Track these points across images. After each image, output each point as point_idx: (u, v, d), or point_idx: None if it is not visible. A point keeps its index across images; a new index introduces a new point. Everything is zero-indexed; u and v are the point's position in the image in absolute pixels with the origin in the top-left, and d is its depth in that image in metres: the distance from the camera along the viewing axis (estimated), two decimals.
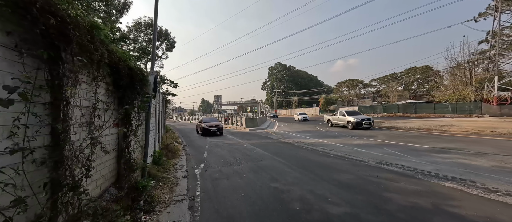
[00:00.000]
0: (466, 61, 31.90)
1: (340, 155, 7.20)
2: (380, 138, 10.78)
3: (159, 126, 8.04)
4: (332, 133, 13.90)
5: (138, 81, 3.37)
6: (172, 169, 6.00)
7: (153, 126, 5.92)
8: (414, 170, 5.09)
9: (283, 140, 11.75)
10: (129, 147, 3.45)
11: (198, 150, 9.29)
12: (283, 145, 9.77)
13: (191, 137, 14.55)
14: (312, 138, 11.92)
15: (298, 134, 14.51)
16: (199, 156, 7.80)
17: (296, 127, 20.39)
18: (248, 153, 8.17)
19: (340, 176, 4.86)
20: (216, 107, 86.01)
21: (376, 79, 56.28)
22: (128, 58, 3.23)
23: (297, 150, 8.47)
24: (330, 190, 4.06)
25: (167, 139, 11.12)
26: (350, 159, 6.51)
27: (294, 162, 6.40)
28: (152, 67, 4.80)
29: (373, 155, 6.98)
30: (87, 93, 2.44)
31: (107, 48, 2.53)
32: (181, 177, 5.20)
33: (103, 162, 2.83)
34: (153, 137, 6.14)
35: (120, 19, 16.89)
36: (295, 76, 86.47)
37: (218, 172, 5.67)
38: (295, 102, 71.64)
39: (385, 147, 8.34)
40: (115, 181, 3.18)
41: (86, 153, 2.27)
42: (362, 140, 10.39)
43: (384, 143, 9.29)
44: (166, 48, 24.73)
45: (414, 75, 48.38)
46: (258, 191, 4.15)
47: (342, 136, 12.41)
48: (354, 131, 14.42)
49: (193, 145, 10.76)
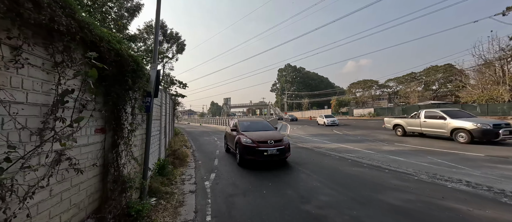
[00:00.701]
0: (496, 57, 29.11)
1: (375, 164, 6.04)
2: (413, 143, 9.41)
3: (166, 130, 7.28)
4: (352, 137, 12.60)
5: (131, 72, 2.53)
6: (178, 180, 5.16)
7: (156, 130, 5.12)
8: (490, 190, 3.87)
9: (300, 144, 10.66)
10: (119, 160, 2.61)
11: (208, 155, 8.44)
12: (302, 151, 8.70)
13: (200, 141, 13.81)
14: (332, 143, 10.74)
15: (315, 137, 13.33)
16: (209, 164, 6.93)
17: (310, 130, 19.15)
18: None
19: (390, 196, 3.76)
20: (225, 109, 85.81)
21: (392, 80, 53.38)
22: (118, 42, 2.39)
23: (321, 157, 7.38)
24: (385, 219, 2.99)
25: (176, 143, 10.42)
26: (391, 171, 5.35)
27: (322, 173, 5.35)
28: (154, 61, 4.00)
29: (418, 165, 5.76)
30: (43, 85, 1.60)
31: (74, 17, 1.69)
32: (188, 193, 4.32)
33: (75, 185, 1.98)
34: (158, 143, 5.35)
35: (131, 21, 16.72)
36: (305, 77, 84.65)
37: (231, 185, 4.75)
38: (306, 104, 69.78)
39: (427, 154, 7.04)
40: (98, 208, 2.33)
41: (28, 179, 1.42)
42: (392, 145, 9.08)
43: (423, 149, 7.95)
44: (176, 50, 24.53)
45: (435, 75, 45.26)
46: (287, 216, 3.17)
47: (366, 140, 11.10)
48: (379, 135, 13.01)
49: (202, 150, 9.95)
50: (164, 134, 6.76)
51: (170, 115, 10.79)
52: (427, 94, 43.65)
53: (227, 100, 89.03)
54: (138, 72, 2.65)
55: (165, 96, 6.98)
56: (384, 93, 57.08)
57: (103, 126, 2.46)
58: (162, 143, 6.23)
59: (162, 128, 6.22)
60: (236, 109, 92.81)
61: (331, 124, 22.39)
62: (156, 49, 4.05)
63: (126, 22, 16.25)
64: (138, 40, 14.24)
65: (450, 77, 42.31)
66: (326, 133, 15.59)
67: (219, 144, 11.86)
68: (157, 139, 5.32)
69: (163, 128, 6.47)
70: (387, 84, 55.10)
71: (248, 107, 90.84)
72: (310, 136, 14.48)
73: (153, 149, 4.71)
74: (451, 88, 42.54)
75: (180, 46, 24.18)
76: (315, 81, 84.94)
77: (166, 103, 6.96)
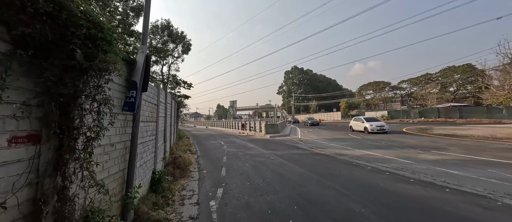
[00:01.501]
0: None
1: (425, 180, 4.76)
2: (455, 151, 7.99)
3: (166, 134, 6.27)
4: (375, 142, 11.22)
5: (83, 39, 1.48)
6: (177, 197, 4.09)
7: (151, 135, 4.08)
8: None
9: (317, 150, 9.43)
10: (69, 185, 1.56)
11: (214, 163, 7.37)
12: (322, 159, 7.49)
13: (206, 145, 12.80)
14: (354, 149, 9.44)
15: (331, 142, 12.03)
16: (215, 174, 5.86)
17: (323, 133, 17.79)
18: (280, 170, 6.05)
19: None
20: (232, 112, 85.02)
21: (405, 81, 51.03)
22: None
23: (349, 168, 6.15)
24: None
25: (179, 148, 9.43)
26: (453, 190, 4.07)
27: (359, 192, 4.14)
28: (143, 42, 2.99)
29: (486, 182, 4.43)
30: None
31: None
32: (188, 220, 3.24)
33: None
34: (152, 151, 4.31)
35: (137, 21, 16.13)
36: (313, 80, 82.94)
37: (244, 206, 3.64)
38: (314, 106, 68.00)
39: (486, 166, 5.66)
40: None
41: None
42: (430, 153, 7.71)
43: (473, 159, 6.56)
44: (182, 50, 23.87)
45: (452, 76, 42.76)
46: None
47: (393, 146, 9.72)
48: (406, 140, 11.55)
49: (208, 156, 8.90)
50: (163, 139, 5.75)
51: (173, 117, 9.84)
52: (447, 96, 41.18)
53: (233, 103, 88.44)
54: (100, 44, 1.60)
55: (165, 95, 6.00)
56: (397, 95, 54.70)
57: (37, 130, 1.42)
58: (160, 150, 5.21)
59: (160, 132, 5.21)
60: (242, 112, 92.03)
61: (378, 131, 15.12)
62: (147, 26, 3.04)
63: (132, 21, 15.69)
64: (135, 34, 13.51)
65: (470, 78, 39.86)
66: (342, 137, 14.23)
67: (226, 149, 10.80)
68: (152, 145, 4.29)
69: (161, 131, 5.46)
70: (400, 86, 52.76)
71: (254, 110, 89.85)
72: (325, 140, 13.18)
73: (144, 159, 3.68)
74: (471, 89, 39.99)
75: (186, 46, 23.51)
76: (322, 84, 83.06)
77: (166, 103, 5.98)
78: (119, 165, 2.64)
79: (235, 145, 12.15)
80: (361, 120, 17.44)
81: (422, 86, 46.38)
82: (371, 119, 17.62)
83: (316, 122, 29.62)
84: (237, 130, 26.46)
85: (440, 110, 30.96)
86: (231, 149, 10.54)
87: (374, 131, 15.25)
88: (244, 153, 9.17)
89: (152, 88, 4.09)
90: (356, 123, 17.96)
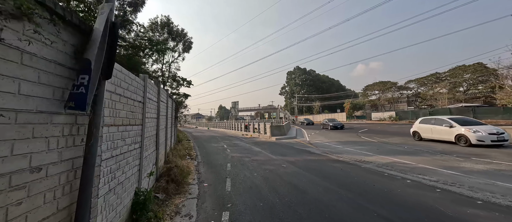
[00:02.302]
0: None
1: (500, 202, 3.60)
2: (501, 158, 6.79)
3: (160, 139, 5.18)
4: (396, 146, 10.04)
5: None
6: None
7: (133, 145, 2.98)
8: None
9: (333, 156, 8.28)
10: None
11: (218, 172, 6.27)
12: (344, 168, 6.34)
13: (207, 148, 11.70)
14: (375, 154, 8.28)
15: (345, 146, 10.86)
16: (219, 188, 4.75)
17: (331, 135, 16.64)
18: (297, 182, 4.93)
19: None
20: (233, 113, 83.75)
21: (413, 81, 49.55)
22: None
23: (381, 181, 5.00)
24: None
25: (177, 153, 8.33)
26: None
27: (405, 217, 3.01)
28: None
29: None
30: None
31: None
32: None
33: None
34: (137, 165, 3.20)
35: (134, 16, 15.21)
36: (315, 80, 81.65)
37: None
38: (317, 107, 66.63)
39: None
40: None
41: None
42: (472, 162, 6.52)
43: None
44: (182, 49, 22.90)
45: (462, 75, 41.25)
46: None
47: (420, 151, 8.53)
48: (430, 143, 10.33)
49: (210, 162, 7.80)
50: (154, 145, 4.65)
51: (171, 118, 8.76)
52: (459, 97, 39.63)
53: (235, 104, 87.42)
54: None
55: (158, 92, 4.92)
56: (403, 95, 53.20)
57: None
58: (149, 160, 4.12)
59: (149, 138, 4.11)
60: (244, 113, 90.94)
61: (494, 143, 8.44)
62: None
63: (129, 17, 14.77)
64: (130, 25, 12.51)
65: (481, 77, 38.37)
66: (356, 140, 13.05)
67: (229, 153, 9.70)
68: (136, 158, 3.19)
69: (152, 136, 4.37)
70: (407, 86, 51.28)
71: (256, 111, 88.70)
72: (338, 143, 12.01)
73: (119, 179, 2.58)
74: (482, 89, 38.47)
75: (187, 44, 22.53)
76: (325, 84, 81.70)
77: (159, 101, 4.89)
78: (58, 201, 1.54)
79: (239, 149, 11.05)
80: (444, 122, 10.15)
81: (430, 86, 44.93)
82: (467, 120, 10.12)
83: (341, 125, 23.43)
84: (240, 131, 25.38)
85: (452, 111, 29.56)
86: (236, 154, 9.43)
87: (484, 142, 8.44)
88: (250, 159, 8.06)
89: (133, 80, 3.00)
90: (428, 127, 10.93)
